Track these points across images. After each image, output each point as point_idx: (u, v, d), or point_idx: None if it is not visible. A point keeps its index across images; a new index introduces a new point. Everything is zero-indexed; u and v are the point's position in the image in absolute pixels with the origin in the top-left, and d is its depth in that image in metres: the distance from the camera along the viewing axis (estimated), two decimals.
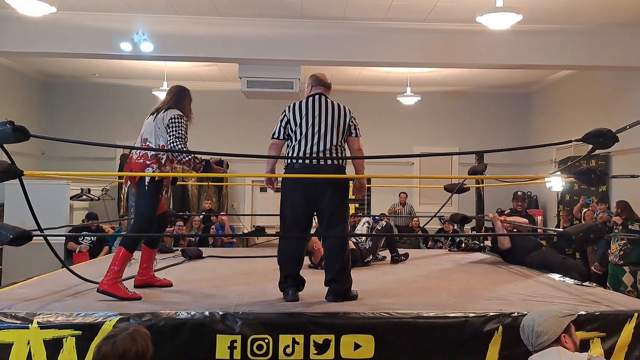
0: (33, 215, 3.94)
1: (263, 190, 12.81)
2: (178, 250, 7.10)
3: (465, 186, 7.33)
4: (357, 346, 3.38)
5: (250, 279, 5.01)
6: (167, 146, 4.21)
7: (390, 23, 8.38)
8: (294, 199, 4.11)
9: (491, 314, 3.53)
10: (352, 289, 4.11)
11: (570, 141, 4.23)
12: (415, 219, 12.07)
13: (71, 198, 10.30)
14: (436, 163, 13.41)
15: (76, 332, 3.30)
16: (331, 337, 3.38)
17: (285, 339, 3.36)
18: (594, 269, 8.34)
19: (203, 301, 3.92)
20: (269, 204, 12.32)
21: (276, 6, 7.96)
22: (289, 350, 3.35)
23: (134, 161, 4.29)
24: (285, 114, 4.19)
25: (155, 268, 4.76)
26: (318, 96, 4.22)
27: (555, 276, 5.27)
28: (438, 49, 8.44)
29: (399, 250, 6.52)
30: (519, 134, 13.17)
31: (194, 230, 10.65)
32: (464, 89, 13.17)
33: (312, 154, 4.07)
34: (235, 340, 3.33)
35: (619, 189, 9.40)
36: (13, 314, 3.39)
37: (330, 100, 4.22)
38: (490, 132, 13.16)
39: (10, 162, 3.75)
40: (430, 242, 11.16)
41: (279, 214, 4.22)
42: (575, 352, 2.81)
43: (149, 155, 4.23)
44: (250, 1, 7.78)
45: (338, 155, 4.14)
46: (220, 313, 3.43)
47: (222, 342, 3.33)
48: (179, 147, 4.16)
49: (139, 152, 4.27)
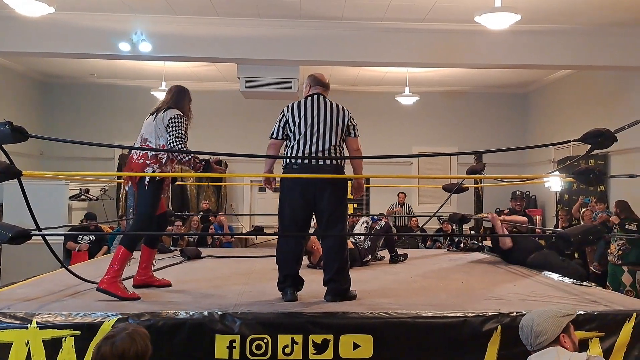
0: (32, 215, 3.94)
1: (262, 190, 12.76)
2: (177, 250, 7.09)
3: (464, 186, 7.33)
4: (356, 346, 3.38)
5: (249, 279, 5.01)
6: (167, 146, 4.21)
7: (388, 23, 8.38)
8: (292, 198, 4.11)
9: (490, 313, 3.53)
10: (351, 288, 4.12)
11: (569, 141, 4.23)
12: (414, 218, 12.08)
13: (70, 198, 10.30)
14: (435, 163, 13.42)
15: (75, 332, 3.30)
16: (330, 337, 3.38)
17: (284, 339, 3.36)
18: (593, 269, 8.36)
19: (202, 301, 3.92)
20: (268, 204, 12.30)
21: (275, 6, 7.96)
22: (287, 350, 3.35)
23: (134, 161, 4.29)
24: (283, 114, 4.19)
25: (154, 268, 4.76)
26: (317, 96, 4.22)
27: (554, 276, 5.27)
28: (437, 48, 8.44)
29: (398, 250, 6.52)
30: (517, 133, 13.17)
31: (192, 230, 10.65)
32: (463, 88, 13.18)
33: (311, 154, 4.07)
34: (234, 340, 3.33)
35: (617, 189, 9.40)
36: (12, 314, 3.39)
37: (328, 100, 4.22)
38: (489, 132, 13.17)
39: (9, 163, 3.75)
40: (429, 242, 11.16)
41: (277, 214, 4.22)
42: (574, 352, 2.81)
43: (149, 155, 4.23)
44: (249, 1, 7.77)
45: (337, 155, 4.15)
46: (219, 313, 3.43)
47: (221, 342, 3.33)
48: (179, 147, 4.16)
49: (139, 152, 4.28)
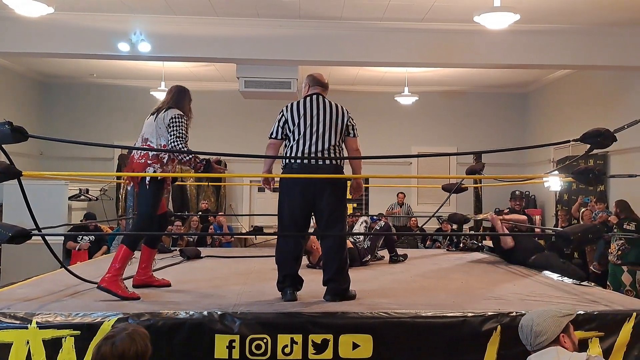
0: (31, 215, 3.94)
1: (261, 190, 12.74)
2: (176, 250, 7.09)
3: (463, 186, 7.33)
4: (356, 346, 3.38)
5: (249, 278, 5.01)
6: (168, 146, 4.22)
7: (387, 23, 8.38)
8: (292, 198, 4.11)
9: (489, 313, 3.53)
10: (351, 288, 4.12)
11: (569, 141, 4.24)
12: (413, 218, 12.08)
13: (69, 198, 10.29)
14: (434, 163, 13.42)
15: (75, 332, 3.30)
16: (329, 337, 3.38)
17: (283, 339, 3.36)
18: (593, 269, 8.36)
19: (201, 301, 3.92)
20: (267, 204, 12.29)
21: (274, 6, 7.96)
22: (287, 350, 3.35)
23: (135, 161, 4.30)
24: (283, 114, 4.19)
25: (153, 268, 4.76)
26: (316, 96, 4.22)
27: (554, 276, 5.27)
28: (436, 48, 8.44)
29: (398, 250, 6.51)
30: (517, 133, 13.18)
31: (192, 230, 10.65)
32: (462, 88, 13.18)
33: (311, 154, 4.07)
34: (234, 340, 3.33)
35: (617, 189, 9.41)
36: (12, 314, 3.39)
37: (328, 100, 4.22)
38: (488, 132, 13.17)
39: (8, 163, 3.74)
40: (428, 242, 11.16)
41: (277, 214, 4.22)
42: (573, 352, 2.81)
43: (150, 155, 4.25)
44: (248, 1, 7.77)
45: (336, 155, 4.15)
46: (219, 313, 3.43)
47: (221, 342, 3.33)
48: (180, 147, 4.18)
49: (140, 152, 4.29)
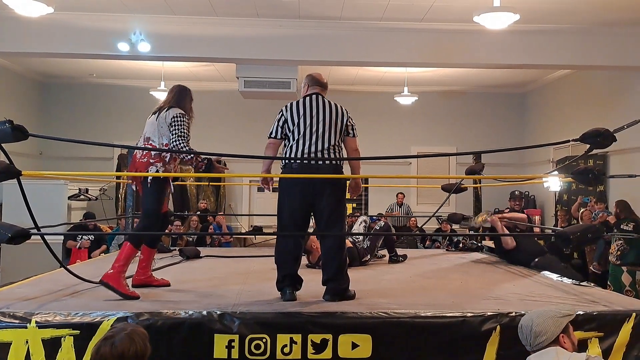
0: (31, 215, 3.93)
1: (260, 190, 12.71)
2: (176, 249, 7.08)
3: (463, 186, 7.33)
4: (355, 345, 3.38)
5: (248, 278, 5.01)
6: (170, 145, 4.24)
7: (387, 23, 8.38)
8: (291, 198, 4.11)
9: (489, 313, 3.53)
10: (350, 288, 4.11)
11: (568, 141, 4.23)
12: (412, 219, 12.08)
13: (69, 198, 10.29)
14: (434, 163, 13.42)
15: (74, 332, 3.30)
16: (329, 337, 3.37)
17: (282, 339, 3.36)
18: (593, 269, 8.36)
19: (201, 301, 3.91)
20: (267, 204, 12.28)
21: (273, 6, 7.96)
22: (286, 350, 3.35)
23: (137, 160, 4.33)
24: (282, 114, 4.19)
25: (153, 268, 4.76)
26: (315, 96, 4.22)
27: (553, 276, 5.27)
28: (435, 48, 8.44)
29: (397, 251, 6.50)
30: (516, 133, 13.19)
31: (191, 230, 10.65)
32: (461, 88, 13.18)
33: (310, 154, 4.07)
34: (233, 340, 3.33)
35: (616, 189, 9.41)
36: (11, 314, 3.39)
37: (327, 100, 4.22)
38: (488, 132, 13.17)
39: (8, 162, 3.74)
40: (427, 242, 11.16)
41: (276, 213, 4.22)
42: (573, 352, 2.81)
43: (153, 153, 4.27)
44: (248, 1, 7.77)
45: (336, 155, 4.15)
46: (218, 312, 3.42)
47: (220, 342, 3.33)
48: (181, 146, 4.20)
49: (142, 151, 4.31)
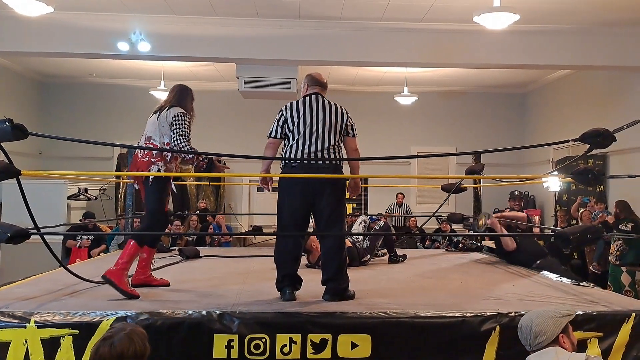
0: (30, 214, 3.93)
1: (260, 190, 12.72)
2: (175, 249, 7.08)
3: (463, 186, 7.33)
4: (354, 345, 3.38)
5: (248, 278, 5.00)
6: (171, 144, 4.26)
7: (387, 23, 8.38)
8: (291, 198, 4.11)
9: (488, 313, 3.53)
10: (349, 288, 4.11)
11: (568, 141, 4.23)
12: (412, 219, 12.08)
13: (69, 197, 10.29)
14: (433, 163, 13.42)
15: (73, 331, 3.29)
16: (328, 337, 3.37)
17: (282, 339, 3.36)
18: (593, 269, 8.36)
19: (200, 300, 3.91)
20: (266, 204, 12.28)
21: (273, 6, 7.96)
22: (286, 350, 3.35)
23: (139, 160, 4.34)
24: (282, 114, 4.18)
25: (152, 267, 4.75)
26: (315, 96, 4.22)
27: (553, 276, 5.26)
28: (435, 48, 8.44)
29: (397, 251, 6.50)
30: (516, 133, 13.19)
31: (191, 229, 10.65)
32: (461, 88, 13.18)
33: (310, 154, 4.07)
34: (233, 340, 3.33)
35: (616, 189, 9.41)
36: (10, 313, 3.38)
37: (327, 100, 4.22)
38: (488, 132, 13.17)
39: (7, 162, 3.74)
40: (427, 242, 11.17)
41: (276, 213, 4.22)
42: (572, 352, 2.81)
43: (154, 153, 4.28)
44: (248, 1, 7.77)
45: (335, 154, 4.15)
46: (218, 312, 3.42)
47: (220, 342, 3.33)
48: (183, 145, 4.23)
49: (143, 151, 4.31)
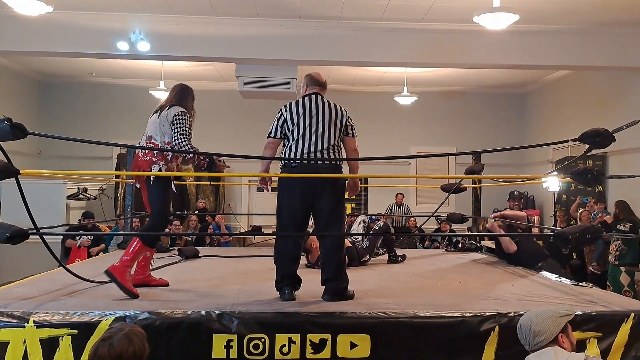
0: (29, 214, 3.92)
1: (260, 190, 12.71)
2: (174, 249, 7.07)
3: (462, 186, 7.33)
4: (354, 345, 3.38)
5: (247, 278, 5.00)
6: (172, 143, 4.27)
7: (387, 23, 8.38)
8: (291, 198, 4.10)
9: (488, 313, 3.53)
10: (349, 288, 4.11)
11: (567, 141, 4.23)
12: (411, 219, 12.08)
13: (68, 197, 10.28)
14: (433, 163, 13.43)
15: (72, 331, 3.29)
16: (327, 337, 3.37)
17: (281, 339, 3.35)
18: (592, 269, 8.37)
19: (199, 300, 3.91)
20: (266, 204, 12.30)
21: (273, 6, 7.96)
22: (285, 350, 3.35)
23: (140, 159, 4.34)
24: (282, 113, 4.18)
25: (151, 267, 4.75)
26: (314, 96, 4.22)
27: (552, 276, 5.27)
28: (435, 49, 8.44)
29: (397, 251, 6.50)
30: (515, 134, 13.19)
31: (190, 229, 10.65)
32: (461, 88, 13.18)
33: (310, 154, 4.07)
34: (232, 340, 3.33)
35: (615, 189, 9.42)
36: (9, 313, 3.38)
37: (326, 100, 4.22)
38: (487, 132, 13.18)
39: (6, 161, 3.73)
40: (427, 242, 11.17)
41: (275, 213, 4.21)
42: (572, 352, 2.81)
43: (155, 152, 4.27)
44: (248, 1, 7.77)
45: (335, 154, 4.15)
46: (217, 312, 3.42)
47: (219, 342, 3.32)
48: (183, 144, 4.24)
49: (144, 150, 4.32)
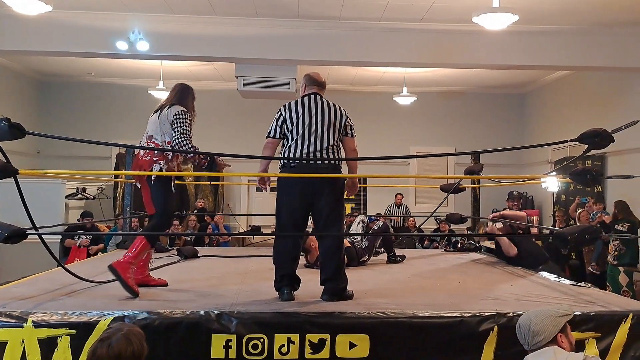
0: (28, 214, 3.92)
1: (259, 190, 12.66)
2: (173, 249, 7.07)
3: (461, 186, 7.33)
4: (352, 345, 3.37)
5: (246, 278, 5.00)
6: (173, 142, 4.28)
7: (386, 23, 8.38)
8: (290, 198, 4.10)
9: (486, 313, 3.53)
10: (348, 288, 4.11)
11: (566, 141, 4.23)
12: (411, 219, 12.08)
13: (67, 197, 10.27)
14: (432, 163, 13.43)
15: (71, 331, 3.28)
16: (326, 337, 3.37)
17: (280, 339, 3.35)
18: (591, 269, 8.37)
19: (198, 300, 3.91)
20: (265, 204, 12.29)
21: (273, 6, 7.95)
22: (284, 350, 3.34)
23: (141, 159, 4.35)
24: (281, 113, 4.18)
25: (150, 267, 4.74)
26: (313, 96, 4.22)
27: (551, 276, 5.27)
28: (434, 49, 8.44)
29: (396, 251, 6.50)
30: (515, 134, 13.19)
31: (189, 229, 10.64)
32: (460, 89, 13.19)
33: (309, 154, 4.07)
34: (231, 340, 3.32)
35: (614, 190, 9.42)
36: (7, 313, 3.37)
37: (325, 100, 4.22)
38: (487, 132, 13.18)
39: (5, 161, 3.73)
40: (426, 242, 11.17)
41: (275, 213, 4.21)
42: (571, 352, 2.81)
43: (155, 152, 4.27)
44: (247, 1, 7.77)
45: (334, 154, 4.14)
46: (216, 312, 3.41)
47: (217, 342, 3.32)
48: (184, 143, 4.26)
49: (145, 150, 4.32)
